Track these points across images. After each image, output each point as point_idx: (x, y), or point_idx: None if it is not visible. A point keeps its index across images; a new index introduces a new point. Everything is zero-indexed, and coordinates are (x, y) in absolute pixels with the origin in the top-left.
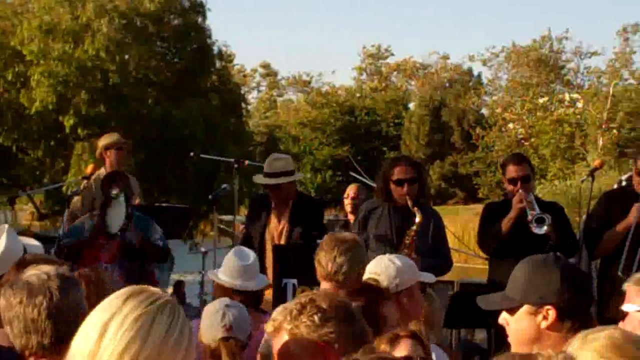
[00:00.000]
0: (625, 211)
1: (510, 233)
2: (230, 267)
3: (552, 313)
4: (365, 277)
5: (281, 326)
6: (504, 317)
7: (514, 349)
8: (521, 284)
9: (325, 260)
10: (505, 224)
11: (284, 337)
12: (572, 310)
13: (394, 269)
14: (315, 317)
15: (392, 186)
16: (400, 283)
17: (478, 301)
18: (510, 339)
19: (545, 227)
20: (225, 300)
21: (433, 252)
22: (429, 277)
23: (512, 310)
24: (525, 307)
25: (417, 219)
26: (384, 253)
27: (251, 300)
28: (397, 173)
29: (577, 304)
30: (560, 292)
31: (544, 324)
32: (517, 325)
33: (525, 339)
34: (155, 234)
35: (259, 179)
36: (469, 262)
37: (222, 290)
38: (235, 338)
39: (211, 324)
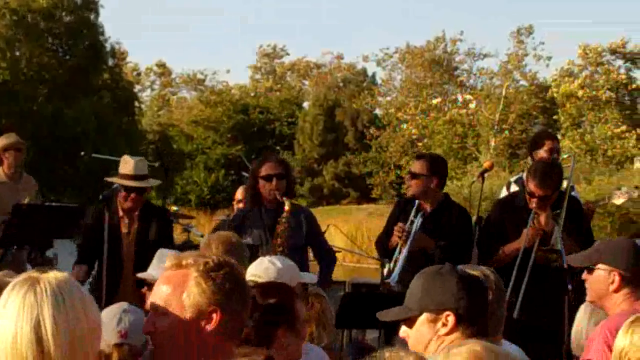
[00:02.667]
0: (516, 220)
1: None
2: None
3: (451, 319)
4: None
5: (186, 268)
6: (404, 330)
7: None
8: (419, 293)
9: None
10: (392, 244)
11: (181, 278)
12: (470, 316)
13: (274, 270)
14: (227, 284)
15: (261, 182)
16: None
17: (378, 315)
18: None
19: (392, 284)
20: (123, 304)
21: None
22: (309, 278)
23: (411, 322)
24: (425, 316)
25: (286, 207)
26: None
27: None
28: (266, 169)
29: (475, 310)
30: (457, 298)
31: (443, 331)
32: (417, 334)
33: (425, 348)
34: None
35: (122, 180)
36: (361, 262)
37: None
38: (130, 344)
39: (106, 329)
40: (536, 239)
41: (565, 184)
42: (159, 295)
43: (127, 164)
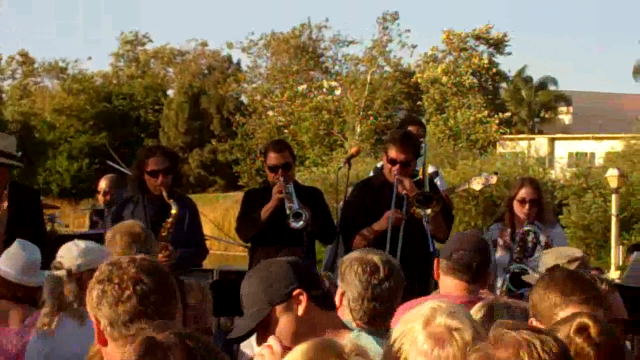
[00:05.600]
0: (378, 201)
1: (269, 222)
2: (15, 260)
3: (303, 297)
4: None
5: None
6: (266, 344)
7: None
8: (260, 292)
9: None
10: (264, 213)
11: None
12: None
13: (76, 250)
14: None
15: (147, 177)
16: (82, 264)
17: (231, 335)
18: (287, 344)
19: (301, 222)
20: None
21: (189, 241)
22: None
23: (265, 325)
24: (278, 308)
25: (173, 211)
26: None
27: (31, 296)
28: (152, 164)
29: (314, 283)
30: (295, 275)
31: (300, 310)
32: (280, 329)
33: (295, 336)
34: None
35: None
36: (229, 250)
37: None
38: None
39: None
40: (400, 222)
41: (421, 169)
42: None
43: None
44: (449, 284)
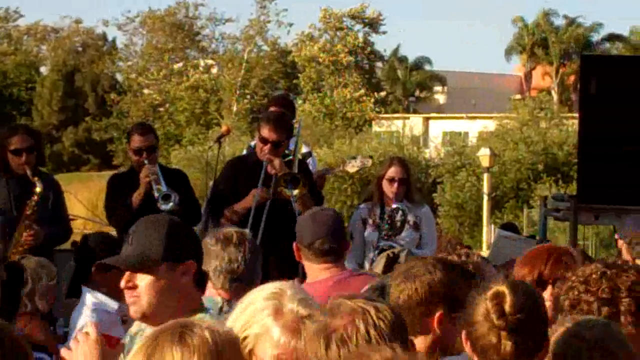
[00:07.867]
0: (250, 179)
1: (140, 206)
2: None
3: (193, 266)
4: None
5: None
6: (130, 280)
7: (149, 309)
8: (158, 242)
9: None
10: (136, 198)
11: None
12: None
13: None
14: None
15: (10, 156)
16: None
17: (109, 261)
18: (146, 301)
19: (171, 204)
20: None
21: (53, 220)
22: None
23: (150, 270)
24: (165, 265)
25: (38, 189)
26: (3, 224)
27: None
28: (15, 142)
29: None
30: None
31: (185, 279)
32: (158, 283)
33: (167, 296)
34: None
35: None
36: (102, 230)
37: None
38: None
39: None
40: (265, 200)
41: (293, 147)
42: None
43: None
44: (316, 271)
